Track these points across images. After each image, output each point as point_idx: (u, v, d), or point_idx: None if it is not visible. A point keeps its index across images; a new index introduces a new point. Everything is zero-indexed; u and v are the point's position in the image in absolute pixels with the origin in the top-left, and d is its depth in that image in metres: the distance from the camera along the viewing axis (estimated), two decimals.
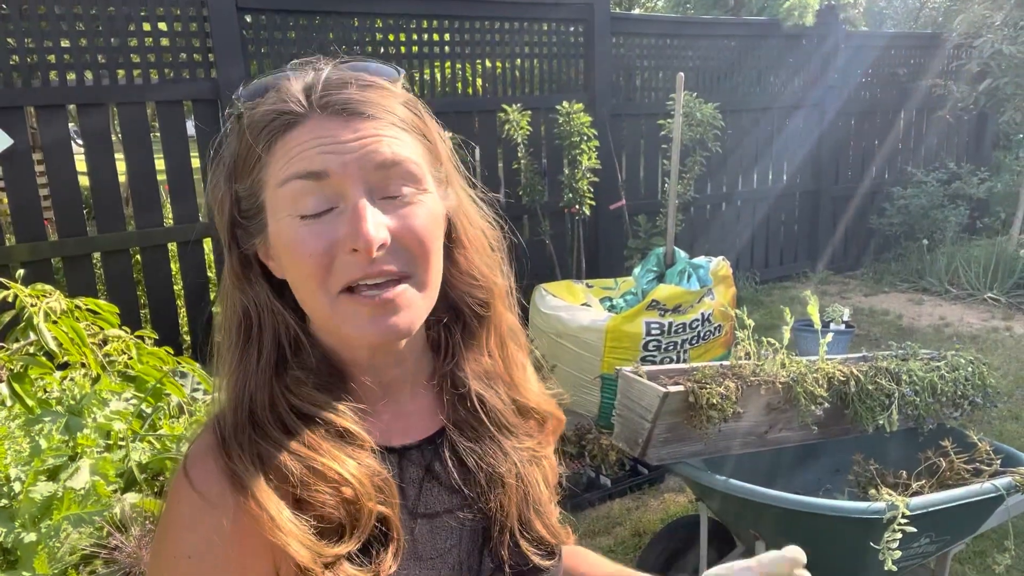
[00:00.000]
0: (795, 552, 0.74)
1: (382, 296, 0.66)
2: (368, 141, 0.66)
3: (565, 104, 4.84)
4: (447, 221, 0.74)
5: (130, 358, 2.79)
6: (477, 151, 5.00)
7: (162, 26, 4.12)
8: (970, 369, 2.23)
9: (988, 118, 7.84)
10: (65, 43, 3.88)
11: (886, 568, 1.66)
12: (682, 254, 4.07)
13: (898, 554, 1.65)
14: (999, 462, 2.04)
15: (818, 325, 2.15)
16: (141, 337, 3.16)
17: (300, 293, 0.69)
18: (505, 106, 4.72)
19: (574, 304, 4.09)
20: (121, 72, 4.09)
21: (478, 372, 0.80)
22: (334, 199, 0.65)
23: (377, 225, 0.64)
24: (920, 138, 7.63)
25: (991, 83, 6.42)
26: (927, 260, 6.65)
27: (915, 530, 1.68)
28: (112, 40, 3.98)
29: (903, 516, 1.68)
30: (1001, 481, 1.91)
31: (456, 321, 0.80)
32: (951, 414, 2.21)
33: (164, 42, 4.15)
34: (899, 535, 1.66)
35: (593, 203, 5.04)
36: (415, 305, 0.69)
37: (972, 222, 7.36)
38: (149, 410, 2.68)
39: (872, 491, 1.84)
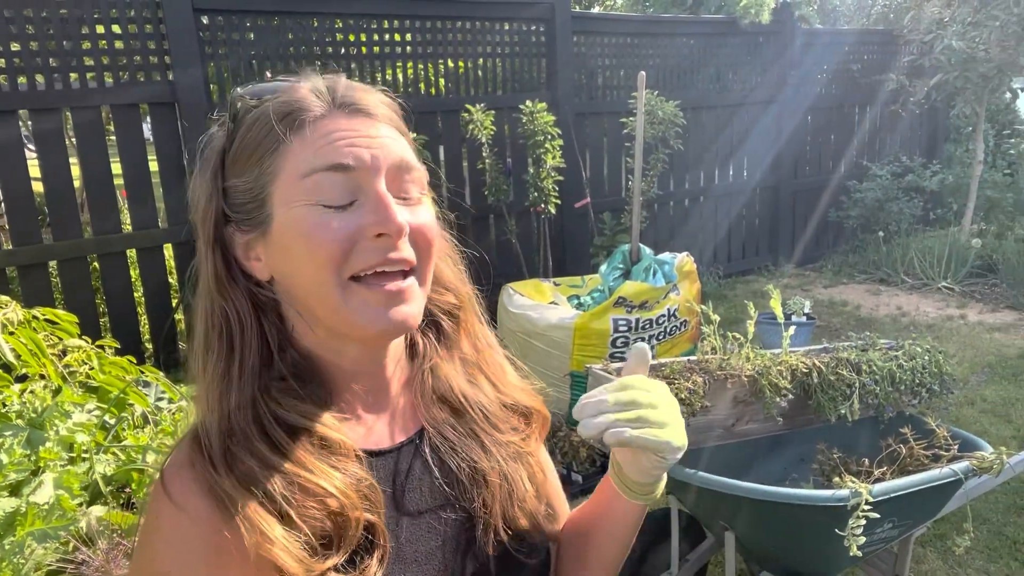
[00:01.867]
0: (639, 347, 0.78)
1: (394, 286, 0.68)
2: (388, 141, 0.69)
3: (528, 103, 4.86)
4: None
5: (91, 368, 2.73)
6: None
7: (116, 28, 4.04)
8: (927, 358, 2.30)
9: (939, 112, 8.07)
10: (15, 46, 3.78)
11: (851, 554, 1.70)
12: (647, 251, 4.11)
13: (863, 539, 1.70)
14: (957, 447, 2.10)
15: (781, 319, 2.20)
16: (102, 347, 3.10)
17: (306, 285, 0.68)
18: (468, 106, 4.72)
19: (542, 303, 4.10)
20: (75, 75, 3.99)
21: (458, 370, 0.82)
22: (356, 192, 0.67)
23: (402, 214, 0.68)
24: (875, 133, 7.83)
25: (942, 78, 6.60)
26: (883, 252, 6.83)
27: (878, 516, 1.73)
28: (64, 43, 3.89)
29: (866, 503, 1.72)
30: (959, 465, 1.97)
31: (430, 326, 0.82)
32: (910, 402, 2.27)
33: (119, 44, 4.06)
34: (863, 521, 1.70)
35: (558, 202, 5.07)
36: (419, 298, 0.71)
37: (926, 214, 7.58)
38: (112, 421, 2.63)
39: (836, 479, 1.88)
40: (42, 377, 2.66)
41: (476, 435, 0.79)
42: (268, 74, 0.75)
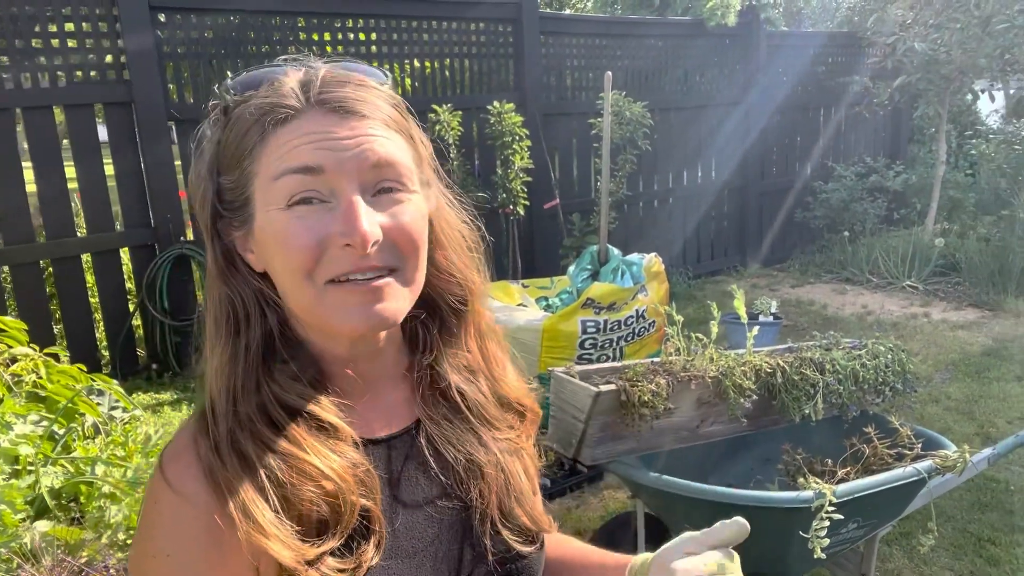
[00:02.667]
0: (740, 523, 0.76)
1: (370, 285, 0.67)
2: (363, 140, 0.67)
3: (496, 104, 4.82)
4: (428, 221, 0.75)
5: (39, 377, 2.63)
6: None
7: (69, 26, 3.92)
8: (890, 356, 2.30)
9: (903, 114, 8.20)
10: None
11: (816, 556, 1.68)
12: (615, 251, 4.09)
13: (827, 542, 1.68)
14: (920, 446, 2.10)
15: (744, 319, 2.18)
16: (55, 355, 2.99)
17: (285, 285, 0.69)
18: (435, 106, 4.67)
19: (510, 304, 4.07)
20: (27, 76, 3.87)
21: (457, 366, 0.81)
22: (327, 195, 0.66)
23: (371, 222, 0.66)
24: (840, 134, 7.92)
25: (904, 80, 6.70)
26: (849, 251, 6.90)
27: (842, 517, 1.72)
28: (16, 42, 3.77)
29: (830, 504, 1.71)
30: (922, 464, 1.97)
31: (433, 317, 0.81)
32: (873, 400, 2.27)
33: (72, 43, 3.94)
34: (827, 523, 1.69)
35: (527, 203, 5.04)
36: (400, 296, 0.70)
37: (890, 214, 7.68)
38: (61, 431, 2.53)
39: (800, 480, 1.87)
40: None
41: (474, 428, 0.80)
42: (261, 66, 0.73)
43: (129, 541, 2.12)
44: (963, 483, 3.12)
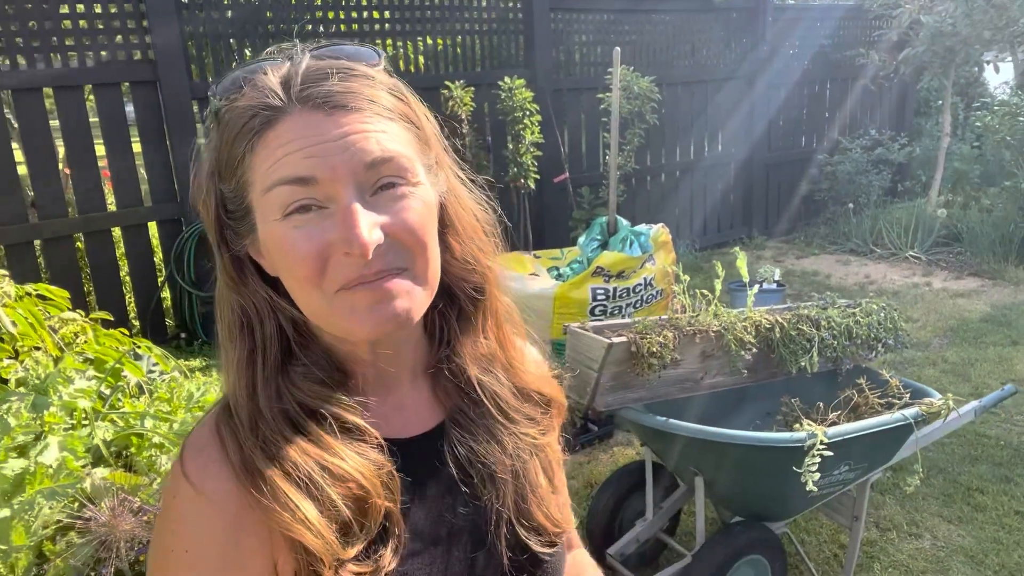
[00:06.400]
0: None
1: (381, 286, 0.65)
2: (356, 139, 0.63)
3: (507, 79, 4.94)
4: (439, 206, 0.72)
5: (86, 341, 2.81)
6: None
7: (97, 8, 4.08)
8: (883, 315, 2.46)
9: (908, 86, 8.24)
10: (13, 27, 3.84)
11: (808, 489, 1.86)
12: (624, 222, 4.24)
13: (817, 476, 1.85)
14: (908, 395, 2.27)
15: (746, 278, 2.34)
16: (100, 319, 3.17)
17: (296, 294, 0.67)
18: (448, 83, 4.80)
19: (523, 274, 4.23)
20: (56, 56, 4.03)
21: (476, 357, 0.79)
22: (324, 201, 0.63)
23: (370, 227, 0.63)
24: (847, 107, 7.98)
25: (910, 52, 6.76)
26: (853, 223, 7.02)
27: (832, 454, 1.89)
28: (46, 24, 3.93)
29: (821, 443, 1.88)
30: (909, 411, 2.14)
31: (451, 307, 0.78)
32: (866, 355, 2.43)
33: (99, 24, 4.09)
34: (818, 459, 1.86)
35: (538, 177, 5.17)
36: (414, 293, 0.67)
37: (894, 186, 7.77)
38: (108, 391, 2.72)
39: (796, 424, 2.04)
40: (37, 349, 2.74)
41: (493, 425, 0.78)
42: (248, 52, 0.74)
43: None
44: (955, 437, 3.29)
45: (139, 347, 3.06)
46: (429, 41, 5.41)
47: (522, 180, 5.09)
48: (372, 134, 0.64)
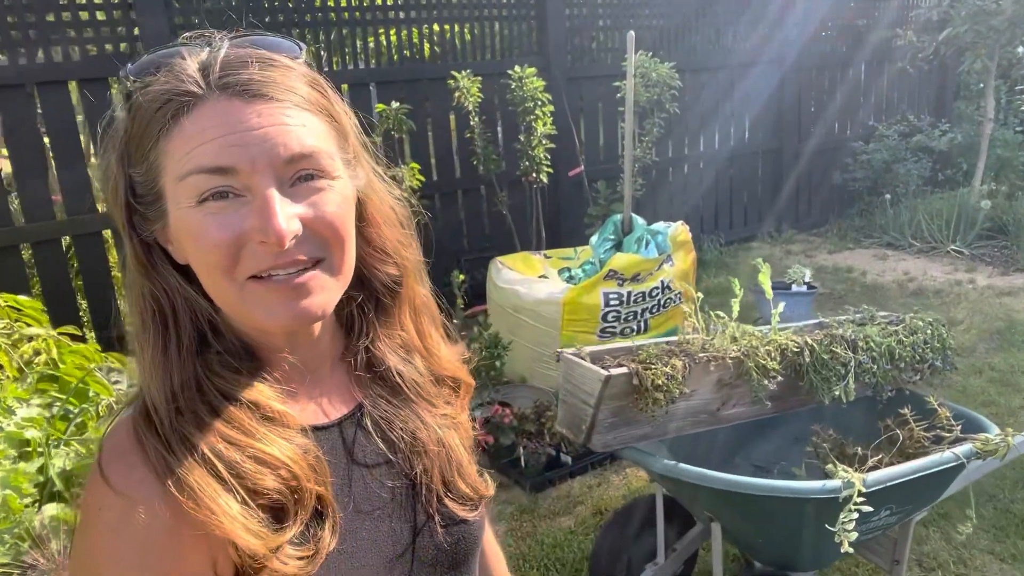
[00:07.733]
0: None
1: (293, 281, 0.65)
2: (275, 131, 0.63)
3: (517, 69, 4.66)
4: (357, 200, 0.73)
5: (47, 361, 2.61)
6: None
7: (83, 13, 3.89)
8: (929, 332, 2.15)
9: (948, 69, 7.79)
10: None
11: (843, 550, 1.57)
12: (640, 220, 3.94)
13: (855, 535, 1.57)
14: (959, 428, 1.96)
15: (769, 295, 2.05)
16: (69, 334, 2.97)
17: (205, 281, 0.67)
18: (455, 72, 4.52)
19: (531, 277, 3.96)
20: (41, 53, 3.84)
21: (394, 347, 0.81)
22: (241, 189, 0.63)
23: (288, 217, 0.63)
24: (881, 91, 7.56)
25: (951, 32, 6.33)
26: (890, 215, 6.62)
27: (871, 509, 1.60)
28: (47, 17, 3.76)
29: (859, 494, 1.59)
30: (961, 449, 1.84)
31: (369, 298, 0.80)
32: (910, 379, 2.13)
33: (83, 16, 3.90)
34: (855, 515, 1.57)
35: (551, 170, 4.89)
36: (328, 288, 0.68)
37: (934, 175, 7.34)
38: (76, 411, 2.52)
39: (829, 466, 1.75)
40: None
41: (413, 407, 0.80)
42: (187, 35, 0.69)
43: None
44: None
45: (109, 362, 2.84)
46: (437, 28, 5.15)
47: (534, 174, 4.80)
48: (292, 128, 0.64)
